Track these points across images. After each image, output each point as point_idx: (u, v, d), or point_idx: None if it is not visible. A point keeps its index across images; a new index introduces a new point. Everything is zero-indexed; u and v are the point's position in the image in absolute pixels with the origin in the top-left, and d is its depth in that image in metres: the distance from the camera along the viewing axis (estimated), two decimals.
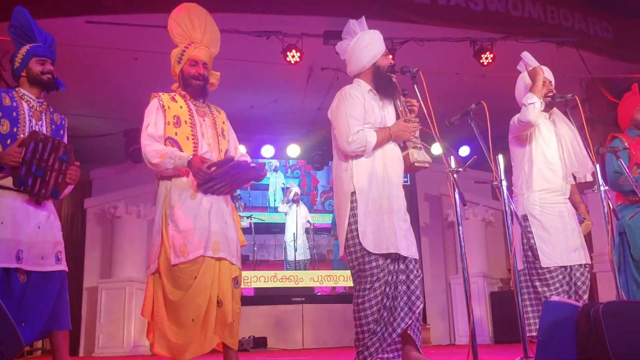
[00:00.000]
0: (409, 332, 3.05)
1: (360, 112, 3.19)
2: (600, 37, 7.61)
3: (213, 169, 3.04)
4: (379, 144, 3.18)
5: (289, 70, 6.96)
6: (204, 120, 3.27)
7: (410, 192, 9.23)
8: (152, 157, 3.10)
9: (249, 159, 3.37)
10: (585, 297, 3.59)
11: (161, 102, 3.21)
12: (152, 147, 3.12)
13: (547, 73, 3.83)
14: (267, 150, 9.18)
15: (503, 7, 7.08)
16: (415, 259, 3.15)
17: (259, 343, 8.32)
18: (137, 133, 8.23)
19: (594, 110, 8.06)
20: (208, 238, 3.05)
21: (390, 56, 6.45)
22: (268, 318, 8.88)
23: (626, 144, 4.20)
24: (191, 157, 3.08)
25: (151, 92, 3.32)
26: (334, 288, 9.23)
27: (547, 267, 3.54)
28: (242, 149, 9.36)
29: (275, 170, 9.51)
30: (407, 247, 3.10)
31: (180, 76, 3.32)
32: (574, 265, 3.59)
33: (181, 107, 3.24)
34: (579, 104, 3.62)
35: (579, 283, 3.59)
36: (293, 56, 6.55)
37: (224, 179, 3.10)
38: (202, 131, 3.23)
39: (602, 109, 7.98)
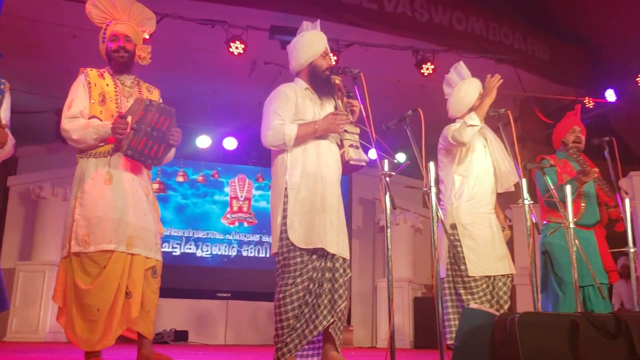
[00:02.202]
0: (330, 331, 3.05)
1: (287, 109, 3.18)
2: (537, 58, 7.91)
3: (129, 118, 2.96)
4: (302, 137, 3.14)
5: (232, 62, 6.86)
6: (127, 101, 3.20)
7: (345, 195, 9.29)
8: (73, 132, 3.03)
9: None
10: (507, 306, 3.69)
11: (87, 79, 3.14)
12: (72, 123, 3.05)
13: (481, 87, 3.90)
14: (203, 141, 9.02)
15: (447, 20, 7.24)
16: (344, 258, 3.15)
17: (180, 336, 8.18)
18: None
19: (526, 128, 8.37)
20: (121, 231, 2.98)
21: (335, 57, 6.52)
22: (191, 312, 8.73)
23: (553, 162, 4.34)
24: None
25: None
26: None
27: (472, 276, 3.61)
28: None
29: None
30: (336, 244, 3.10)
31: (105, 54, 3.27)
32: (497, 275, 3.68)
33: (108, 84, 3.17)
34: (512, 121, 3.70)
35: (500, 293, 3.68)
36: (237, 47, 6.46)
37: (144, 130, 2.99)
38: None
39: (533, 127, 8.30)
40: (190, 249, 9.07)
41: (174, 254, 8.92)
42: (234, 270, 9.18)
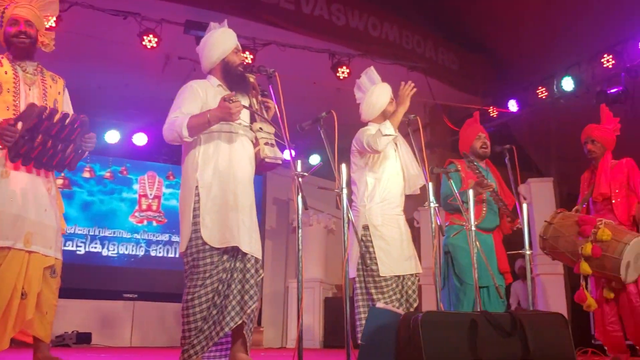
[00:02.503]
0: (239, 332, 3.03)
1: (191, 104, 3.13)
2: (446, 67, 8.23)
3: (20, 124, 2.76)
4: (196, 128, 3.04)
5: (145, 55, 6.67)
6: (29, 90, 3.01)
7: (259, 195, 9.25)
8: None
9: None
10: (415, 305, 3.80)
11: None
12: None
13: (392, 92, 4.01)
14: (112, 136, 8.70)
15: (363, 25, 7.38)
16: (256, 258, 3.13)
17: (83, 339, 7.83)
18: None
19: (434, 134, 8.68)
20: (19, 227, 2.82)
21: (251, 56, 6.48)
22: (96, 313, 8.40)
23: (459, 168, 4.53)
24: None
25: None
26: None
27: (383, 276, 3.70)
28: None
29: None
30: (249, 243, 3.08)
31: (4, 39, 3.06)
32: (406, 275, 3.79)
33: (6, 72, 2.97)
34: (421, 127, 3.82)
35: (409, 292, 3.78)
36: (150, 41, 6.29)
37: (37, 136, 2.81)
38: (28, 101, 2.95)
39: (441, 134, 8.62)
40: (95, 247, 8.72)
41: (78, 252, 8.53)
42: (141, 270, 8.91)
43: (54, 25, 5.89)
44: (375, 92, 3.96)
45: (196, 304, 2.95)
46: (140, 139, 8.75)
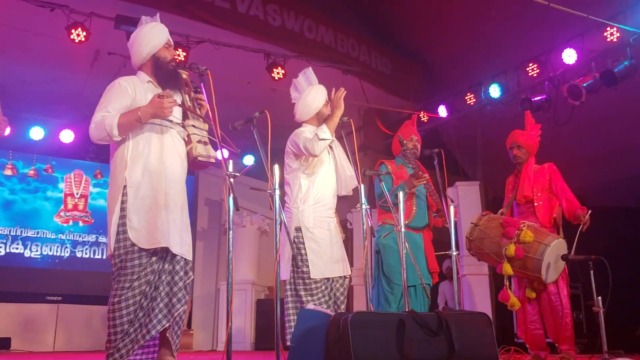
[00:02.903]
0: (167, 335, 2.96)
1: (119, 102, 3.04)
2: (380, 71, 8.36)
3: None
4: (126, 125, 2.98)
5: (73, 50, 6.43)
6: None
7: (191, 195, 9.10)
8: None
9: None
10: (343, 307, 3.83)
11: None
12: None
13: (327, 94, 4.04)
14: (36, 132, 8.33)
15: (299, 27, 7.39)
16: (185, 260, 3.08)
17: (1, 344, 7.47)
18: None
19: (368, 137, 8.80)
20: None
21: (184, 54, 6.37)
22: (17, 317, 8.02)
23: (390, 169, 4.62)
24: None
25: None
26: None
27: (314, 278, 3.70)
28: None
29: None
30: (179, 244, 3.02)
31: None
32: (335, 277, 3.81)
33: None
34: (354, 130, 3.87)
35: (337, 294, 3.80)
36: (78, 35, 6.07)
37: None
38: None
39: (374, 137, 8.75)
40: (17, 248, 8.33)
41: None
42: (66, 272, 8.58)
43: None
44: (311, 93, 3.96)
45: (123, 307, 2.87)
46: (66, 136, 8.43)
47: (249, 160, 9.40)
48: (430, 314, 2.75)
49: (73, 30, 6.06)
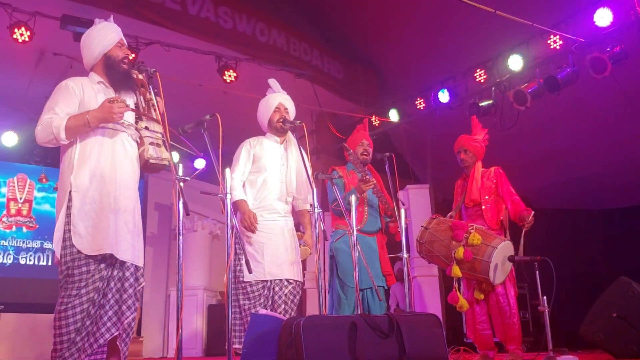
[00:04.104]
0: (117, 343, 2.90)
1: (66, 104, 2.98)
2: (332, 76, 8.40)
3: None
4: (73, 129, 2.92)
5: (16, 50, 6.22)
6: None
7: (141, 199, 8.91)
8: None
9: None
10: (292, 312, 3.82)
11: None
12: None
13: (283, 99, 4.06)
14: None
15: (251, 30, 7.36)
16: (136, 266, 3.02)
17: None
18: None
19: (320, 141, 8.83)
20: None
21: (133, 55, 6.24)
22: None
23: (341, 174, 4.65)
24: None
25: None
26: None
27: (248, 281, 3.70)
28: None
29: None
30: (125, 250, 2.95)
31: None
32: (276, 280, 3.80)
33: None
34: (306, 134, 3.88)
35: (275, 297, 3.78)
36: (22, 34, 5.87)
37: None
38: None
39: (327, 140, 8.78)
40: None
41: None
42: (9, 279, 8.26)
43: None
44: (261, 105, 4.03)
45: (69, 315, 2.80)
46: (9, 139, 8.12)
47: (200, 163, 9.28)
48: (381, 316, 2.78)
49: (16, 30, 5.86)
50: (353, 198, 3.78)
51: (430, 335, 2.88)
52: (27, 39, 5.92)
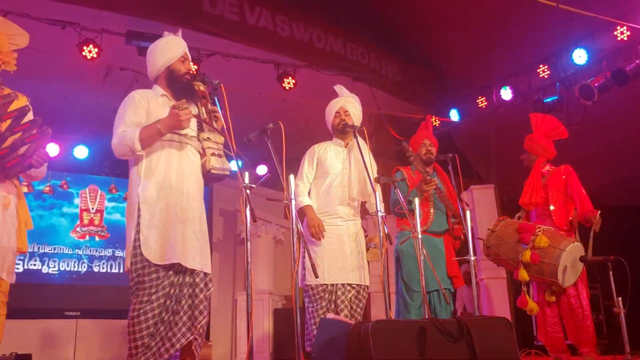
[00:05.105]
0: (192, 348, 2.98)
1: (135, 115, 3.08)
2: (390, 78, 8.36)
3: None
4: (147, 139, 3.01)
5: (85, 66, 6.50)
6: None
7: (206, 206, 9.11)
8: None
9: None
10: (358, 316, 3.82)
11: None
12: None
13: (345, 103, 4.08)
14: (51, 149, 8.40)
15: (308, 37, 7.42)
16: (205, 273, 3.10)
17: None
18: None
19: (379, 143, 8.79)
20: None
21: (195, 67, 6.42)
22: (36, 333, 8.05)
23: (406, 176, 4.62)
24: None
25: None
26: None
27: (309, 284, 3.73)
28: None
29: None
30: (193, 258, 3.03)
31: None
32: (338, 284, 3.80)
33: None
34: (367, 137, 3.89)
35: (338, 302, 3.78)
36: (90, 51, 6.13)
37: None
38: None
39: (386, 143, 8.73)
40: (35, 265, 8.39)
41: (16, 270, 8.13)
42: (83, 287, 8.62)
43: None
44: (327, 110, 4.08)
45: (142, 320, 2.89)
46: (80, 152, 8.50)
47: (261, 170, 9.42)
48: (450, 320, 2.74)
49: (85, 47, 6.12)
50: (416, 199, 3.75)
51: (501, 339, 2.82)
52: (95, 56, 6.17)
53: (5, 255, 2.89)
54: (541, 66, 7.14)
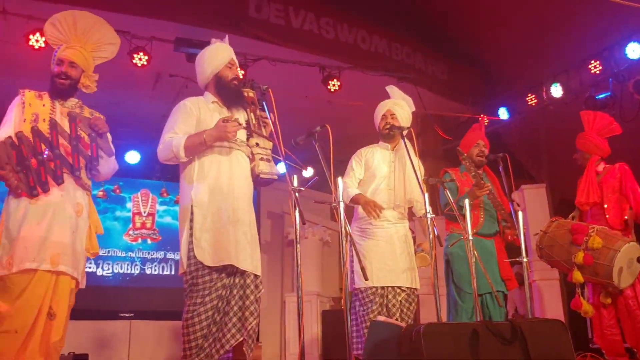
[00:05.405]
0: (243, 349, 3.02)
1: (185, 123, 3.16)
2: (436, 77, 8.28)
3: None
4: (191, 148, 3.10)
5: (136, 73, 6.68)
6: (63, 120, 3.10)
7: (254, 209, 9.20)
8: None
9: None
10: (407, 318, 3.79)
11: (23, 99, 3.05)
12: None
13: (393, 105, 4.06)
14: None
15: (352, 38, 7.43)
16: (255, 274, 3.14)
17: None
18: None
19: (426, 143, 8.71)
20: (45, 249, 2.86)
21: (242, 72, 6.51)
22: (92, 334, 8.30)
23: (454, 177, 4.56)
24: None
25: None
26: None
27: (359, 287, 3.72)
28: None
29: None
30: (245, 260, 3.07)
31: (50, 76, 3.19)
32: (388, 287, 3.78)
33: (44, 105, 3.07)
34: (414, 138, 3.86)
35: (389, 305, 3.75)
36: (140, 59, 6.29)
37: (29, 163, 2.90)
38: (62, 130, 3.06)
39: (433, 143, 8.66)
40: (90, 267, 8.64)
41: None
42: (137, 289, 8.83)
43: (43, 45, 5.90)
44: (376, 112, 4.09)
45: (196, 322, 2.95)
46: (132, 157, 8.74)
47: (307, 173, 9.45)
48: (503, 323, 2.70)
49: (135, 55, 6.29)
50: (467, 202, 3.70)
51: (556, 342, 2.75)
52: (145, 63, 6.33)
53: (80, 260, 3.02)
54: (593, 62, 6.95)
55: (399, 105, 4.07)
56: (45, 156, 2.93)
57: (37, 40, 5.91)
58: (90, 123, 3.08)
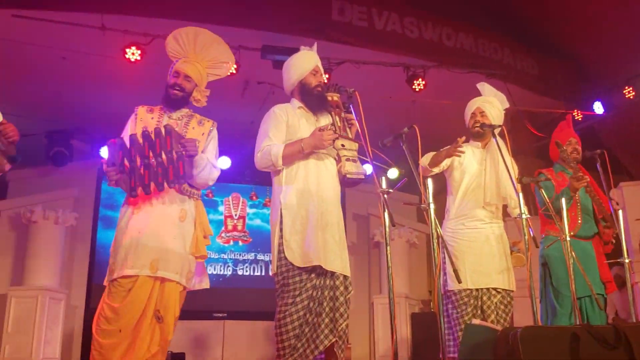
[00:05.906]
0: (335, 349, 3.06)
1: (277, 129, 3.26)
2: (526, 72, 8.00)
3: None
4: (289, 157, 3.18)
5: (225, 81, 6.88)
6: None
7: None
8: None
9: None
10: (503, 321, 3.69)
11: (136, 114, 3.24)
12: None
13: (482, 102, 3.98)
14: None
15: (437, 36, 7.32)
16: (344, 276, 3.17)
17: (177, 359, 8.09)
18: (60, 135, 7.93)
19: (517, 141, 8.39)
20: (145, 256, 3.01)
21: (327, 76, 6.58)
22: (187, 333, 8.64)
23: (550, 177, 4.39)
24: None
25: (79, 93, 3.26)
26: None
27: (452, 290, 3.65)
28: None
29: None
30: (333, 261, 3.11)
31: (165, 86, 3.32)
32: (483, 289, 3.69)
33: (152, 117, 3.23)
34: (506, 136, 3.76)
35: (484, 307, 3.67)
36: (229, 67, 6.49)
37: (135, 164, 3.00)
38: None
39: (524, 140, 8.36)
40: None
41: None
42: (229, 289, 9.11)
43: (139, 58, 6.22)
44: (468, 107, 4.08)
45: (288, 322, 3.01)
46: (223, 163, 9.03)
47: (393, 173, 9.40)
48: (606, 327, 2.58)
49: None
50: (564, 201, 3.56)
51: None
52: (234, 71, 6.52)
53: (185, 264, 3.13)
54: None
55: (489, 103, 3.97)
56: (151, 161, 3.01)
57: (133, 54, 6.19)
58: (181, 142, 3.11)
